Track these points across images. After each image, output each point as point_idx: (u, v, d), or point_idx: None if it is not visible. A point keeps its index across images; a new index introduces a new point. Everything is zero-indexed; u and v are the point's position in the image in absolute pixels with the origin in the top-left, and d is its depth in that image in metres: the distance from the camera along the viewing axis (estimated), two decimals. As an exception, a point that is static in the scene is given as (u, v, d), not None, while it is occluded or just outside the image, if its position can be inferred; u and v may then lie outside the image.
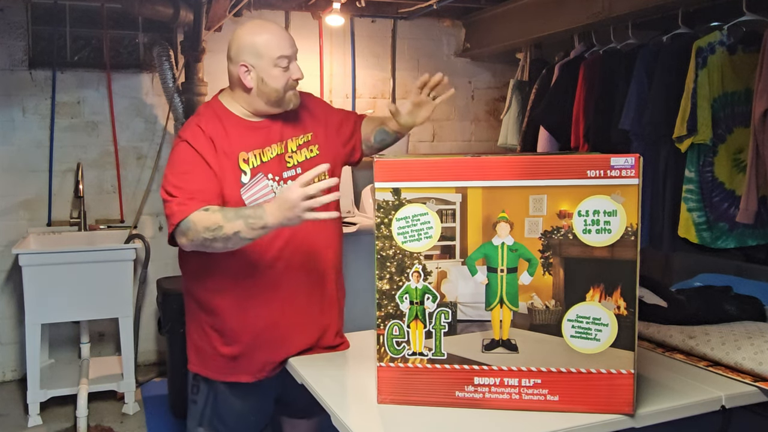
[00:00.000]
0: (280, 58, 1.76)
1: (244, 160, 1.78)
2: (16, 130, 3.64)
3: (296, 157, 1.86)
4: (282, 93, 1.79)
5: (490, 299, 1.48)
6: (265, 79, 1.77)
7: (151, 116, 3.86)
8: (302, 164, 1.86)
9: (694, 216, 2.76)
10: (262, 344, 1.84)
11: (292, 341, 1.86)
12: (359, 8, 3.69)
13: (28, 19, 3.64)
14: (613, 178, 1.39)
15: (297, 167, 1.85)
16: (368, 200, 3.65)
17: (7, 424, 3.21)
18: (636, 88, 2.94)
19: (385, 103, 4.30)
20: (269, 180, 1.80)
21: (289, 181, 1.81)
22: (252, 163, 1.79)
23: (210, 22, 3.55)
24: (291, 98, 1.82)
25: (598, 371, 1.44)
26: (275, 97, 1.80)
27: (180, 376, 3.26)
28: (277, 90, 1.78)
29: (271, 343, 1.84)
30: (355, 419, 1.44)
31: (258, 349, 1.84)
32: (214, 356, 1.86)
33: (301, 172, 1.81)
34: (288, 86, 1.80)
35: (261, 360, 1.85)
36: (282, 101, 1.81)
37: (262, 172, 1.80)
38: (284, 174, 1.83)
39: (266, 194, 1.79)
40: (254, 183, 1.78)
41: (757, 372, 1.64)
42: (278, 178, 1.82)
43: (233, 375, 1.86)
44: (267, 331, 1.83)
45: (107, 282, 3.23)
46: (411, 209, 1.48)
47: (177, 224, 1.66)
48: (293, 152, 1.85)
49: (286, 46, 1.77)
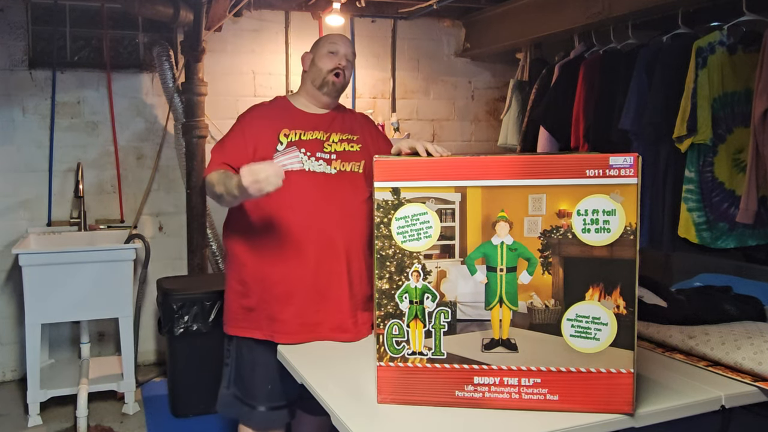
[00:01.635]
0: (330, 44, 2.15)
1: (285, 134, 2.06)
2: (16, 130, 3.64)
3: (335, 147, 2.10)
4: (325, 74, 2.11)
5: (490, 299, 1.48)
6: (316, 61, 2.15)
7: (151, 116, 3.86)
8: (339, 153, 2.09)
9: (694, 216, 2.76)
10: (271, 299, 2.00)
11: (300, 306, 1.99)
12: (359, 8, 3.69)
13: (28, 19, 3.64)
14: (612, 177, 1.40)
15: (332, 153, 2.07)
16: (368, 200, 3.65)
17: (7, 424, 3.21)
18: (636, 88, 2.94)
19: (385, 103, 4.30)
20: (301, 153, 2.02)
21: (321, 160, 2.05)
22: (291, 138, 2.06)
23: (210, 22, 3.55)
24: (331, 82, 2.11)
25: (597, 371, 1.44)
26: (320, 78, 2.11)
27: (180, 376, 3.27)
28: (322, 70, 2.11)
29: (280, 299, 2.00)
30: (355, 419, 1.44)
31: (267, 302, 2.01)
32: (236, 309, 2.08)
33: (335, 158, 2.07)
34: (332, 69, 2.11)
35: (270, 314, 2.01)
36: (325, 83, 2.11)
37: (296, 146, 2.03)
38: (317, 153, 2.06)
39: (294, 163, 1.95)
40: (287, 152, 1.98)
41: (757, 372, 1.64)
42: (309, 154, 2.04)
43: (247, 329, 2.06)
44: (277, 285, 2.00)
45: (107, 282, 3.23)
46: (410, 209, 1.48)
47: (204, 178, 2.04)
48: (334, 142, 2.10)
49: (338, 41, 2.16)
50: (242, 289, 2.07)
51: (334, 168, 2.06)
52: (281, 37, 4.03)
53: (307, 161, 2.04)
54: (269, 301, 2.02)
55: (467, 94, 4.52)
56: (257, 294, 2.04)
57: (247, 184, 1.73)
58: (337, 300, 2.01)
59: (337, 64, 2.12)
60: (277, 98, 2.23)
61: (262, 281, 2.03)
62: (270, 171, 1.74)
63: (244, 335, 2.08)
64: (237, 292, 2.09)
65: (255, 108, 2.17)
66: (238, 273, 2.08)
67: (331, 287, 2.01)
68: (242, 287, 2.07)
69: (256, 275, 2.04)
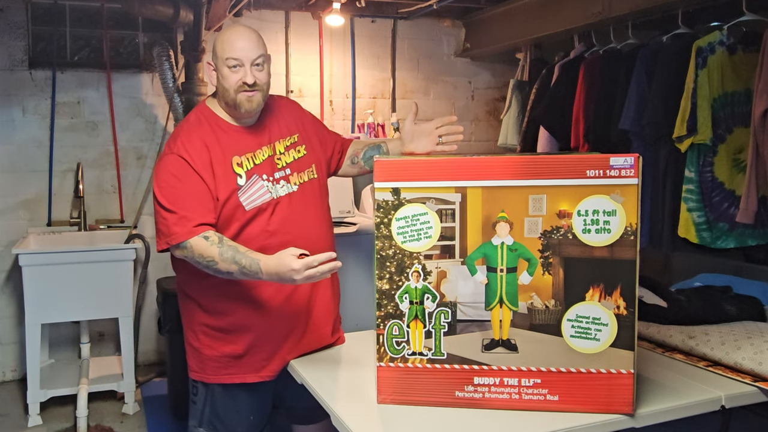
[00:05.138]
0: (227, 59, 1.78)
1: (238, 164, 1.81)
2: (16, 130, 3.64)
3: (285, 159, 1.90)
4: (233, 94, 1.79)
5: (490, 299, 1.48)
6: (219, 77, 1.81)
7: (151, 116, 3.86)
8: (291, 165, 1.91)
9: (694, 216, 2.76)
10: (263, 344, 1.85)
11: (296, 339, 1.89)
12: (359, 8, 3.69)
13: (28, 19, 3.64)
14: (612, 177, 1.39)
15: (286, 168, 1.89)
16: (368, 200, 3.65)
17: (7, 424, 3.21)
18: (636, 88, 2.94)
19: (385, 103, 4.30)
20: (264, 180, 1.84)
21: (281, 181, 1.86)
22: (246, 166, 1.82)
23: (210, 22, 3.55)
24: (245, 99, 1.79)
25: (597, 371, 1.44)
26: (230, 98, 1.80)
27: (180, 376, 3.26)
28: (228, 90, 1.79)
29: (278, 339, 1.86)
30: (355, 419, 1.44)
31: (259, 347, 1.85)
32: (213, 358, 1.87)
33: (290, 173, 1.89)
34: (237, 88, 1.78)
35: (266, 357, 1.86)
36: (239, 104, 1.80)
37: (256, 174, 1.83)
38: (275, 174, 1.86)
39: (263, 194, 1.82)
40: (251, 184, 1.81)
41: (757, 372, 1.64)
42: (272, 179, 1.85)
43: (234, 376, 1.87)
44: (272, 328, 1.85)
45: (107, 282, 3.22)
46: (411, 209, 1.48)
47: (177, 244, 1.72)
48: (281, 154, 1.90)
49: (235, 50, 1.77)
50: (224, 336, 1.86)
51: (294, 184, 1.88)
52: (281, 37, 4.02)
53: (273, 188, 1.84)
54: (263, 345, 1.85)
55: (467, 94, 4.52)
56: (247, 341, 1.84)
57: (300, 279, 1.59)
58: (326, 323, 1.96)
59: (243, 81, 1.76)
60: (202, 112, 1.88)
61: (253, 327, 1.85)
62: (325, 269, 1.58)
63: (230, 382, 1.88)
64: (215, 339, 1.86)
65: (186, 137, 1.80)
66: (215, 321, 1.86)
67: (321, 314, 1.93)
68: (224, 335, 1.85)
69: (243, 322, 1.84)
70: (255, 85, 1.78)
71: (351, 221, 3.47)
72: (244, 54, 1.77)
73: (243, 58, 1.77)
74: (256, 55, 1.79)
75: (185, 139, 1.80)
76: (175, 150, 1.77)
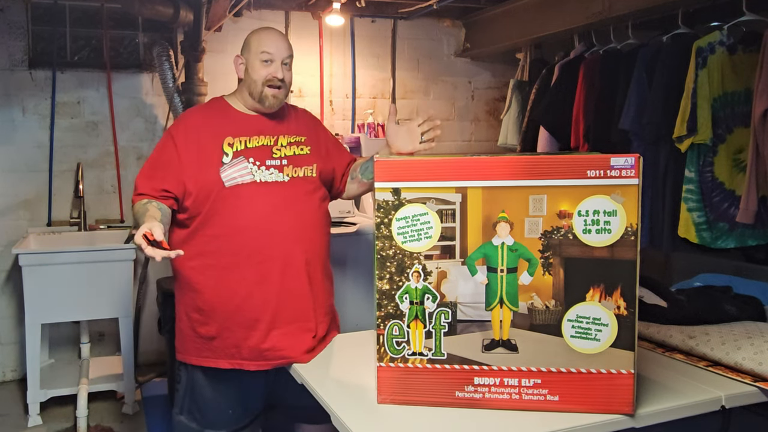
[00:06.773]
0: (262, 53, 1.92)
1: (229, 144, 1.90)
2: (16, 130, 3.64)
3: (284, 151, 1.96)
4: (261, 86, 1.92)
5: (490, 299, 1.48)
6: (248, 69, 1.94)
7: (151, 116, 3.86)
8: (290, 158, 1.95)
9: (694, 216, 2.76)
10: (235, 326, 1.88)
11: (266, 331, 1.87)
12: (359, 8, 3.69)
13: (28, 19, 3.64)
14: (613, 178, 1.39)
15: (283, 159, 1.94)
16: (368, 200, 3.65)
17: (7, 424, 3.21)
18: (636, 88, 2.95)
19: (385, 103, 4.30)
20: (249, 163, 1.89)
21: (272, 168, 1.91)
22: (236, 147, 1.90)
23: (210, 22, 3.55)
24: (270, 95, 1.93)
25: (598, 371, 1.44)
26: (256, 91, 1.93)
27: (180, 376, 3.27)
28: (256, 82, 1.92)
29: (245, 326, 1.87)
30: (355, 419, 1.44)
31: (230, 330, 1.88)
32: (193, 338, 1.94)
33: (286, 164, 1.93)
34: (266, 81, 1.92)
35: (235, 343, 1.88)
36: (264, 97, 1.93)
37: (243, 156, 1.90)
38: (267, 162, 1.92)
39: (244, 176, 1.87)
40: (234, 164, 1.88)
41: (757, 372, 1.64)
42: (259, 163, 1.90)
43: (209, 359, 1.92)
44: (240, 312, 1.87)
45: (107, 282, 3.23)
46: (411, 209, 1.48)
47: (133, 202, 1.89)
48: (282, 146, 1.96)
49: (271, 45, 1.93)
50: (199, 317, 1.91)
51: (286, 175, 1.92)
52: (281, 37, 4.03)
53: (258, 171, 1.89)
54: (232, 328, 1.87)
55: (467, 94, 4.52)
56: (218, 322, 1.88)
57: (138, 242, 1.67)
58: (303, 319, 1.91)
59: (273, 75, 1.91)
60: (214, 100, 2.04)
61: (222, 308, 1.87)
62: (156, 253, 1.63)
63: (207, 365, 1.92)
64: (193, 320, 1.92)
65: (189, 116, 1.98)
66: (193, 300, 1.91)
67: (296, 307, 1.90)
68: (199, 315, 1.90)
69: (215, 302, 1.88)
70: (282, 82, 1.93)
71: (351, 221, 3.47)
72: (278, 51, 1.92)
73: (276, 54, 1.92)
74: (287, 54, 1.95)
75: (182, 117, 1.99)
76: (173, 126, 1.96)
